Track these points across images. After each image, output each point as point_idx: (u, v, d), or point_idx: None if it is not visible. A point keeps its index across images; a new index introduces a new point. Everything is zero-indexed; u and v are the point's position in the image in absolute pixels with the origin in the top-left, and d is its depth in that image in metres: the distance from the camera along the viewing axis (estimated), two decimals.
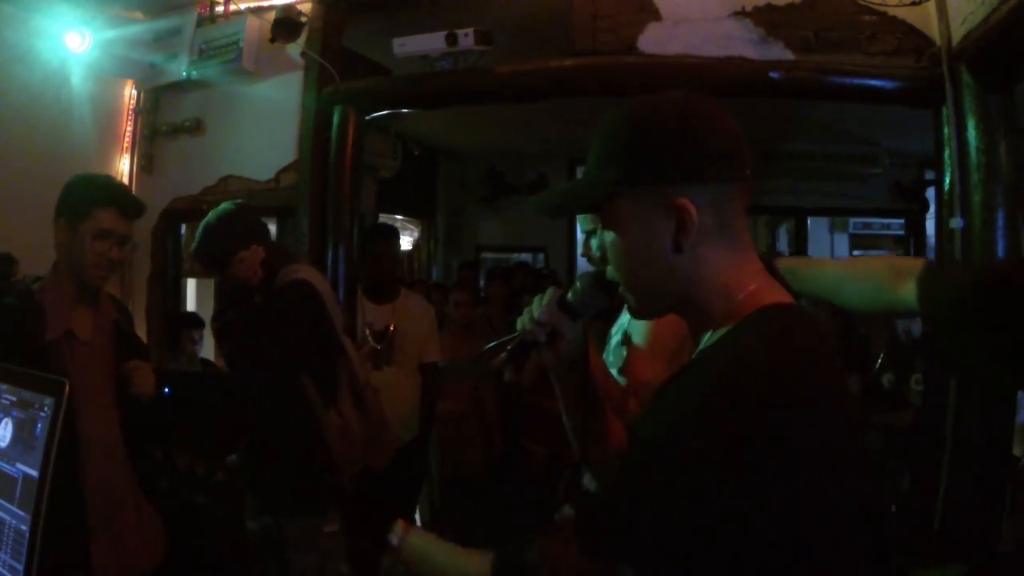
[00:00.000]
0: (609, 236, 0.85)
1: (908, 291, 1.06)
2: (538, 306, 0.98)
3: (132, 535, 1.78)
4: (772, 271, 0.98)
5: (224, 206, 2.34)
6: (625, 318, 1.70)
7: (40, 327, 1.68)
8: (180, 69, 3.48)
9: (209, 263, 2.33)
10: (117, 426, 1.78)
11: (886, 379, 3.09)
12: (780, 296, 0.81)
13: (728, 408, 0.68)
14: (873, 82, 2.71)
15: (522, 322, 0.99)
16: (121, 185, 1.90)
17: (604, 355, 1.74)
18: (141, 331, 3.71)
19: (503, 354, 0.99)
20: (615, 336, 1.73)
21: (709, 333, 0.83)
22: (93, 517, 1.64)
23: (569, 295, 0.98)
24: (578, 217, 1.71)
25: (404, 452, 3.20)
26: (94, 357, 1.77)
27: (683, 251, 0.78)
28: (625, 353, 1.63)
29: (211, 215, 2.31)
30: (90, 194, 1.79)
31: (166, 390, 3.18)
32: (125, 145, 3.75)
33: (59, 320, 1.72)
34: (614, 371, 1.63)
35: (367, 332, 3.20)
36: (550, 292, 0.99)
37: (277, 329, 2.24)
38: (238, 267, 2.26)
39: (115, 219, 1.78)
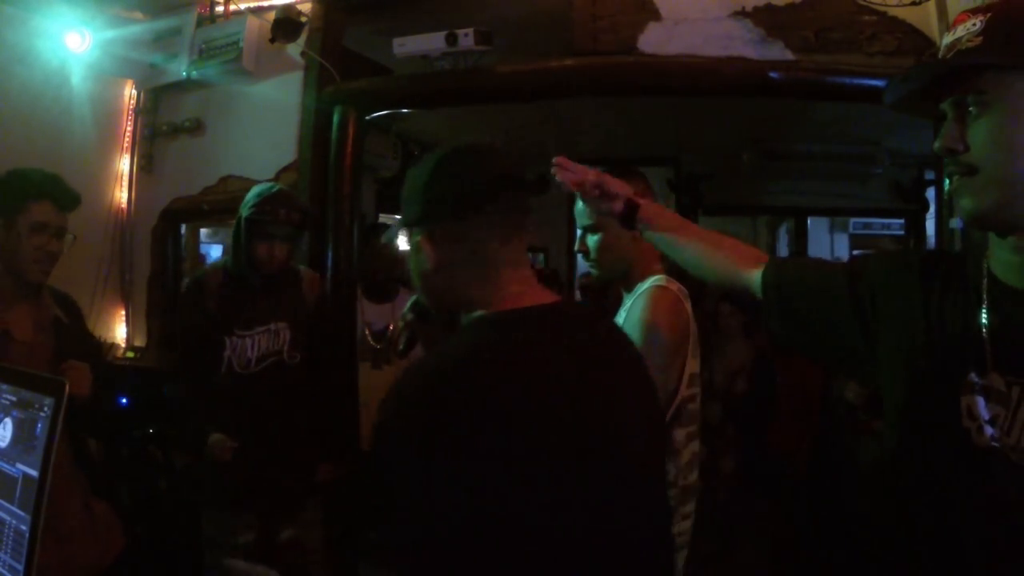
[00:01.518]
0: None
1: (753, 277, 1.20)
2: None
3: (79, 535, 1.74)
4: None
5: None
6: (620, 318, 1.71)
7: None
8: (180, 69, 3.48)
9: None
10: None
11: None
12: (517, 303, 0.99)
13: (386, 405, 0.94)
14: (873, 82, 2.71)
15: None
16: (55, 177, 1.84)
17: None
18: (141, 331, 3.72)
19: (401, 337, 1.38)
20: None
21: None
22: None
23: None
24: (576, 214, 1.77)
25: None
26: (33, 356, 1.72)
27: (437, 273, 1.03)
28: None
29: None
30: (23, 188, 1.77)
31: (165, 390, 3.20)
32: (125, 145, 3.75)
33: None
34: None
35: (367, 332, 3.20)
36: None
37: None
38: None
39: (50, 211, 1.77)
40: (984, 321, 0.92)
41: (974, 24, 0.90)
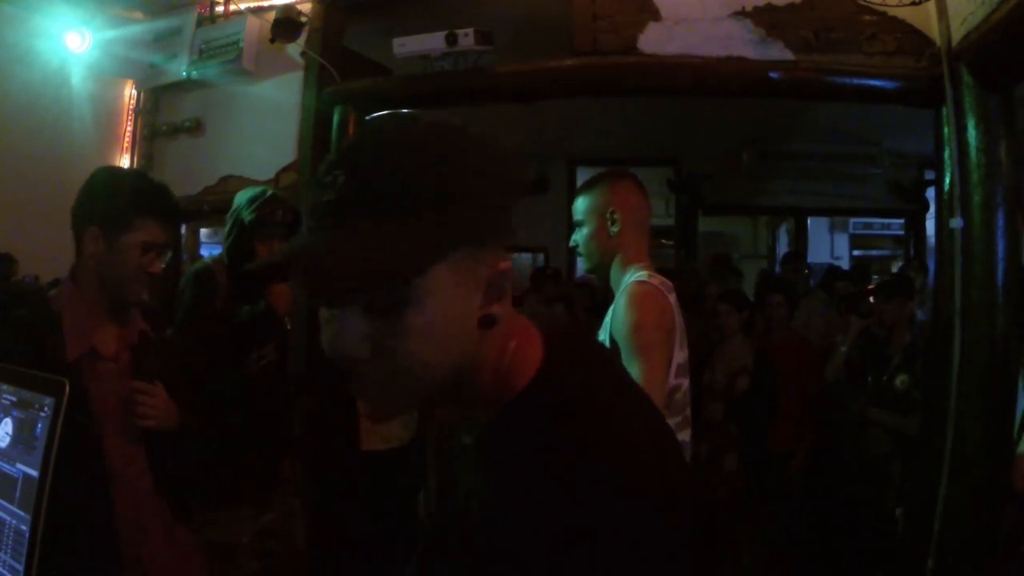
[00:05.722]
0: None
1: None
2: None
3: (161, 564, 1.62)
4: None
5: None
6: (607, 319, 1.73)
7: (59, 344, 1.48)
8: (180, 69, 3.49)
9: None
10: (144, 451, 1.60)
11: (900, 381, 3.07)
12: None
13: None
14: (873, 82, 2.71)
15: None
16: (163, 188, 1.65)
17: None
18: None
19: None
20: (601, 335, 1.76)
21: None
22: (123, 548, 1.52)
23: None
24: (573, 211, 1.85)
25: (404, 451, 3.21)
26: (120, 376, 1.58)
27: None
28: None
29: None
30: (131, 201, 1.56)
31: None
32: (125, 145, 3.75)
33: (80, 336, 1.53)
34: None
35: None
36: None
37: None
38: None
39: (158, 229, 1.58)
40: None
41: None
